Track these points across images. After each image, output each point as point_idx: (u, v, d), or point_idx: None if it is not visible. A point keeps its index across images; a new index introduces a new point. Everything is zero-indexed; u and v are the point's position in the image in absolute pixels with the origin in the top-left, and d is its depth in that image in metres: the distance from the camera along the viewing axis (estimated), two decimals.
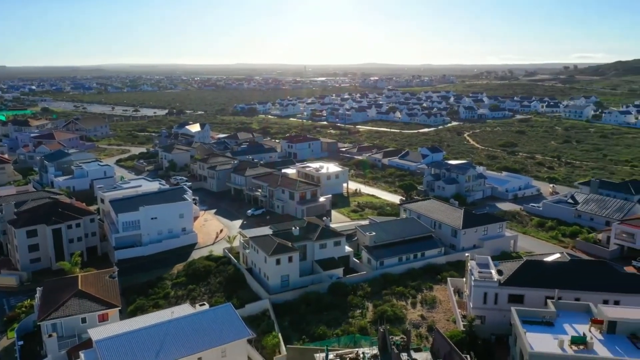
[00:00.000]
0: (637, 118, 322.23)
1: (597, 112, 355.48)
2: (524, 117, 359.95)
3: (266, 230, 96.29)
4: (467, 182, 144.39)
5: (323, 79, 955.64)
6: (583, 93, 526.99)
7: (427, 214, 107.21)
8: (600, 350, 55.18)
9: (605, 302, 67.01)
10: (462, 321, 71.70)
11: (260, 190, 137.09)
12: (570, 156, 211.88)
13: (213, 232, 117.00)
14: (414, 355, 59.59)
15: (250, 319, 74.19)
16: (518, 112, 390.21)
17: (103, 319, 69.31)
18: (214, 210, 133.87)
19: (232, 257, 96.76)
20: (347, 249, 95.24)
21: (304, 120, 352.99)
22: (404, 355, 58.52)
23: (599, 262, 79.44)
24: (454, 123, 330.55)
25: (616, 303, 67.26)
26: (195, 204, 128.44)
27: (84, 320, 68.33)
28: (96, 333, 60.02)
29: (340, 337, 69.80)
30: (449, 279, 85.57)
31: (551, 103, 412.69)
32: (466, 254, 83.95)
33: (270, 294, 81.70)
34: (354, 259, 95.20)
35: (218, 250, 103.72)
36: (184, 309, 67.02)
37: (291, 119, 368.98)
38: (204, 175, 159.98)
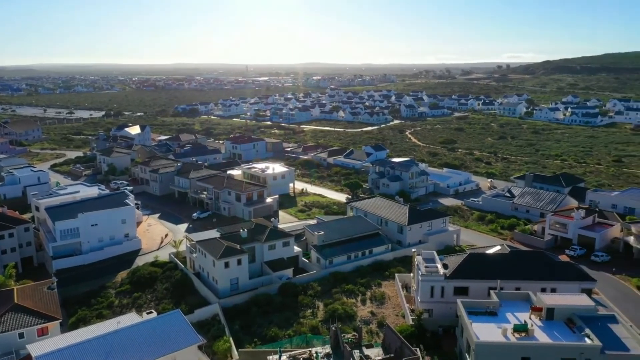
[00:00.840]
0: (565, 115, 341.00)
1: (529, 109, 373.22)
2: (462, 114, 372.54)
3: (213, 233, 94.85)
4: (410, 179, 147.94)
5: (266, 78, 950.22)
6: (515, 91, 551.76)
7: (373, 212, 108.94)
8: (540, 336, 58.06)
9: (543, 290, 70.62)
10: (411, 315, 73.40)
11: (205, 192, 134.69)
12: (505, 152, 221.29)
13: (158, 237, 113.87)
14: (366, 351, 60.50)
15: (200, 325, 72.79)
16: (456, 110, 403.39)
17: (42, 333, 65.82)
18: (158, 215, 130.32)
19: (179, 262, 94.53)
20: (296, 249, 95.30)
21: (248, 121, 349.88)
22: (356, 353, 59.27)
23: (536, 252, 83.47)
24: (396, 121, 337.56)
25: (553, 290, 71.01)
26: (138, 208, 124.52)
27: (21, 336, 64.62)
28: (36, 348, 56.94)
29: (293, 337, 69.76)
30: (396, 274, 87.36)
31: (486, 101, 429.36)
32: (413, 250, 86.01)
33: (220, 298, 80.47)
34: (303, 259, 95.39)
35: (164, 255, 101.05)
36: (130, 318, 64.77)
37: (235, 119, 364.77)
38: (146, 179, 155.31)
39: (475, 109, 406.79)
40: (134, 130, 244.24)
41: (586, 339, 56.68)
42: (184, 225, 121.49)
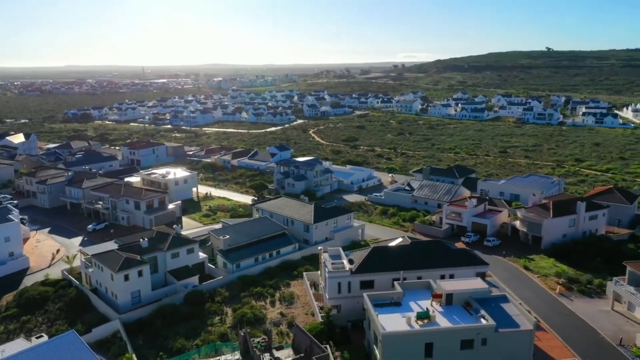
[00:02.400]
0: (456, 110, 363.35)
1: (424, 106, 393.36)
2: (363, 112, 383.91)
3: (111, 245, 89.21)
4: (315, 177, 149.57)
5: (164, 80, 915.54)
6: (411, 89, 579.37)
7: (279, 212, 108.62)
8: (441, 321, 60.92)
9: (443, 277, 74.22)
10: (320, 313, 73.96)
11: (101, 202, 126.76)
12: (404, 147, 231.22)
13: (48, 253, 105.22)
14: (276, 353, 60.00)
15: (100, 344, 68.31)
16: (357, 108, 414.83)
17: None
18: (48, 229, 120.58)
19: (73, 279, 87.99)
20: (202, 255, 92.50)
21: (146, 125, 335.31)
22: (266, 356, 58.61)
23: (435, 241, 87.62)
24: (300, 121, 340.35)
25: (451, 277, 74.85)
26: (24, 224, 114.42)
27: None
28: None
29: (201, 347, 67.48)
30: (304, 273, 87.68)
31: (385, 99, 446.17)
32: (319, 247, 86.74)
33: (120, 313, 75.94)
34: (210, 265, 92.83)
35: (56, 273, 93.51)
36: (17, 345, 59.06)
37: (132, 123, 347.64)
38: (32, 191, 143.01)
39: (375, 107, 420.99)
40: (17, 138, 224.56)
41: (482, 320, 60.30)
42: (78, 239, 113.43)
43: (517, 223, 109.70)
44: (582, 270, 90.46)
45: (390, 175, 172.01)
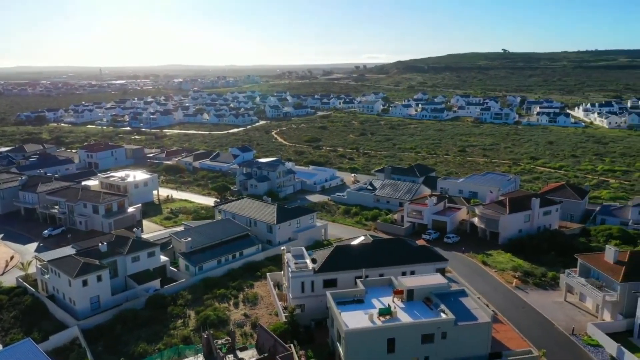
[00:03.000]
0: (416, 110, 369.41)
1: (385, 107, 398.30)
2: (325, 113, 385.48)
3: (68, 251, 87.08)
4: (278, 178, 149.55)
5: (122, 81, 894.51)
6: (372, 90, 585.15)
7: (242, 213, 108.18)
8: (403, 316, 62.15)
9: (404, 273, 75.73)
10: (284, 312, 74.18)
11: (57, 207, 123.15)
12: (366, 147, 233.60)
13: (1, 260, 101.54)
14: (240, 354, 59.87)
15: (57, 352, 66.63)
16: (319, 109, 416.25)
17: None
18: (1, 236, 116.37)
19: (29, 286, 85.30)
20: (163, 258, 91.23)
21: (104, 127, 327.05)
22: (230, 357, 58.40)
23: (396, 239, 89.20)
24: (262, 122, 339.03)
25: (412, 273, 76.44)
26: None
27: None
28: None
29: (163, 351, 66.67)
30: (268, 274, 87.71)
31: (347, 100, 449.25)
32: (282, 248, 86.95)
33: (79, 319, 74.15)
34: (171, 268, 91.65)
35: (10, 280, 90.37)
36: None
37: (89, 126, 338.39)
38: None
39: (337, 108, 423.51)
40: None
41: (442, 314, 61.87)
42: (34, 245, 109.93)
43: (476, 220, 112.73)
44: (536, 264, 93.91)
45: (352, 175, 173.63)
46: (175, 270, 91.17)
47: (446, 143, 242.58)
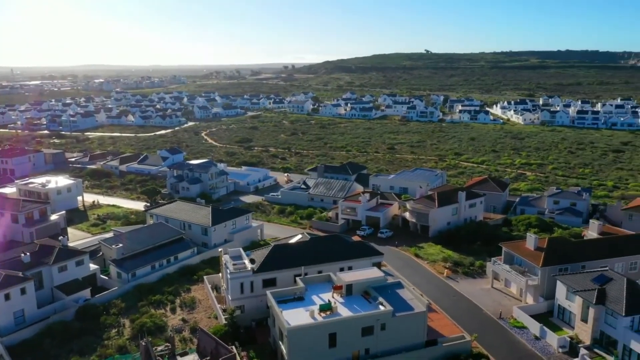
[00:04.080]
0: (345, 110, 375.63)
1: (315, 106, 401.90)
2: (255, 113, 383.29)
3: None
4: (210, 180, 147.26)
5: (38, 82, 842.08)
6: (302, 90, 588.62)
7: (175, 217, 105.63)
8: (343, 311, 63.44)
9: (342, 269, 77.14)
10: (224, 315, 73.38)
11: None
12: (298, 146, 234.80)
13: None
14: (181, 359, 58.71)
15: None
16: (249, 109, 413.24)
17: None
18: None
19: None
20: (93, 266, 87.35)
21: (19, 131, 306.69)
22: None
23: (333, 236, 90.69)
24: (191, 123, 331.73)
25: (350, 268, 78.01)
26: None
27: None
28: None
29: None
30: (205, 277, 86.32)
31: (277, 100, 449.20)
32: (219, 250, 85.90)
33: (2, 336, 69.46)
34: (102, 276, 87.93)
35: None
36: None
37: (1, 130, 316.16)
38: None
39: (267, 108, 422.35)
40: None
41: (380, 307, 63.72)
42: None
43: (407, 214, 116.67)
44: (465, 254, 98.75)
45: (286, 174, 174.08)
46: (107, 278, 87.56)
47: (376, 141, 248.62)
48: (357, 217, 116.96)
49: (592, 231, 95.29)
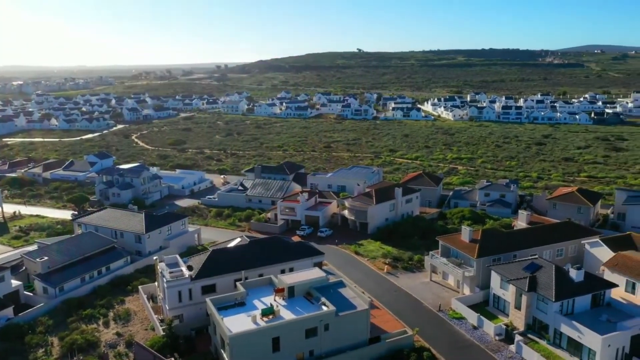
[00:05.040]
0: (281, 109, 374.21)
1: (250, 106, 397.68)
2: (188, 114, 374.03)
3: None
4: (143, 184, 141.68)
5: None
6: (236, 89, 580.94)
7: (105, 225, 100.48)
8: (286, 314, 62.40)
9: (283, 271, 76.10)
10: (161, 325, 70.29)
11: None
12: (234, 147, 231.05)
13: None
14: None
15: None
16: (182, 111, 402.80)
17: None
18: None
19: None
20: (15, 282, 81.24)
21: None
22: None
23: (272, 237, 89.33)
24: (120, 126, 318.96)
25: (291, 270, 77.09)
26: None
27: None
28: None
29: None
30: (140, 287, 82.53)
31: (210, 100, 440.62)
32: (154, 257, 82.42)
33: None
34: (26, 292, 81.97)
35: None
36: None
37: None
38: None
39: (201, 109, 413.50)
40: None
41: (323, 307, 63.22)
42: None
43: (346, 212, 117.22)
44: (403, 249, 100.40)
45: (222, 176, 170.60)
46: (31, 294, 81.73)
47: (312, 140, 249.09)
48: (297, 217, 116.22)
49: (521, 221, 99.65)
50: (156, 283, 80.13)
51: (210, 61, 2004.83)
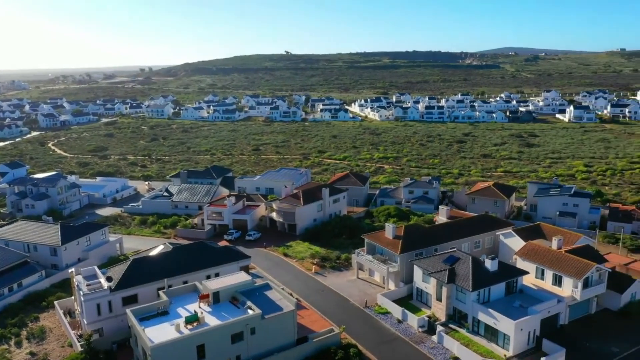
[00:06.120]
0: (208, 112, 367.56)
1: (176, 110, 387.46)
2: (110, 119, 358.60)
3: None
4: (59, 194, 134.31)
5: None
6: (161, 93, 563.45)
7: (17, 239, 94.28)
8: (211, 320, 61.32)
9: (209, 277, 74.68)
10: (79, 341, 66.92)
11: None
12: (159, 152, 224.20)
13: None
14: None
15: None
16: (103, 116, 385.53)
17: None
18: None
19: None
20: None
21: None
22: None
23: (197, 243, 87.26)
24: (35, 133, 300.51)
25: (217, 275, 75.82)
26: None
27: None
28: None
29: None
30: (56, 302, 78.12)
31: (134, 104, 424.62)
32: (70, 270, 78.34)
33: None
34: None
35: None
36: None
37: None
38: None
39: (124, 113, 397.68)
40: None
41: (249, 311, 62.73)
42: None
43: (274, 214, 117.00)
44: (331, 249, 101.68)
45: (146, 183, 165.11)
46: None
47: (240, 143, 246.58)
48: (224, 222, 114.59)
49: (441, 216, 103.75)
50: (73, 297, 76.20)
51: (134, 64, 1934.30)
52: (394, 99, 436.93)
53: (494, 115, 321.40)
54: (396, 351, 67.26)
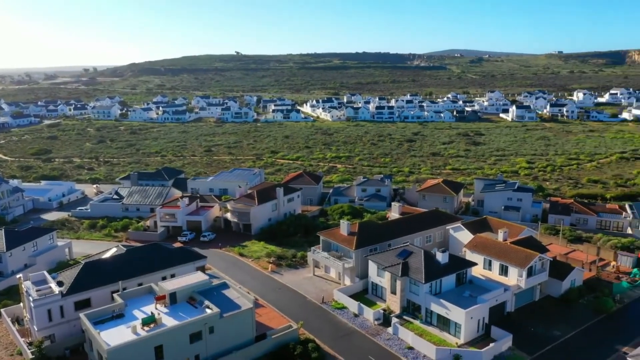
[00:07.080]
0: (157, 114, 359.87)
1: (124, 111, 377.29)
2: (53, 121, 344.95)
3: None
4: (1, 199, 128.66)
5: None
6: (107, 94, 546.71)
7: None
8: (168, 321, 60.86)
9: (164, 278, 73.88)
10: (29, 349, 64.80)
11: None
12: (107, 155, 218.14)
13: None
14: None
15: None
16: (46, 117, 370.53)
17: None
18: None
19: None
20: None
21: None
22: None
23: (151, 245, 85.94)
24: None
25: (173, 276, 75.08)
26: None
27: None
28: None
29: None
30: (2, 310, 75.22)
31: (78, 105, 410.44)
32: (18, 276, 75.50)
33: None
34: None
35: None
36: None
37: None
38: None
39: (68, 115, 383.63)
40: None
41: (207, 310, 62.66)
42: None
43: (228, 215, 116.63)
44: (287, 247, 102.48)
45: (94, 185, 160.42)
46: None
47: (192, 144, 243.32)
48: (178, 223, 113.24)
49: (394, 212, 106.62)
50: (22, 304, 73.58)
51: (77, 64, 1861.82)
52: (345, 100, 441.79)
53: (442, 115, 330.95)
54: (353, 344, 68.89)
